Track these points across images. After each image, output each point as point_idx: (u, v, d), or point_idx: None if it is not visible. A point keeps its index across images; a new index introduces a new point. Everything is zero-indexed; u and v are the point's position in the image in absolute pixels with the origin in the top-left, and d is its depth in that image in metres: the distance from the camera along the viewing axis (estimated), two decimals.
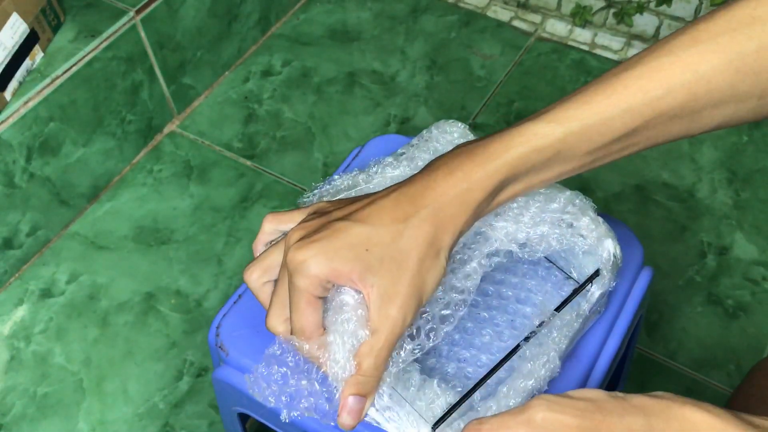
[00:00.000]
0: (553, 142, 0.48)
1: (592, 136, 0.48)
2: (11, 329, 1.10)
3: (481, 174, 0.48)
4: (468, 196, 0.48)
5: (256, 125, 1.34)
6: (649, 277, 0.66)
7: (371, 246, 0.46)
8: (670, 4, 1.38)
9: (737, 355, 1.07)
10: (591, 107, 0.48)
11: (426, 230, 0.47)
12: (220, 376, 0.66)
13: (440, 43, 1.46)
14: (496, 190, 0.48)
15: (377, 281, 0.46)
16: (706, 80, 0.47)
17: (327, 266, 0.46)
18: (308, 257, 0.47)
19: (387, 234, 0.47)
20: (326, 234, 0.47)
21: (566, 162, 0.49)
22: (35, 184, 1.12)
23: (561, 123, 0.48)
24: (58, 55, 1.11)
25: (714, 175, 1.26)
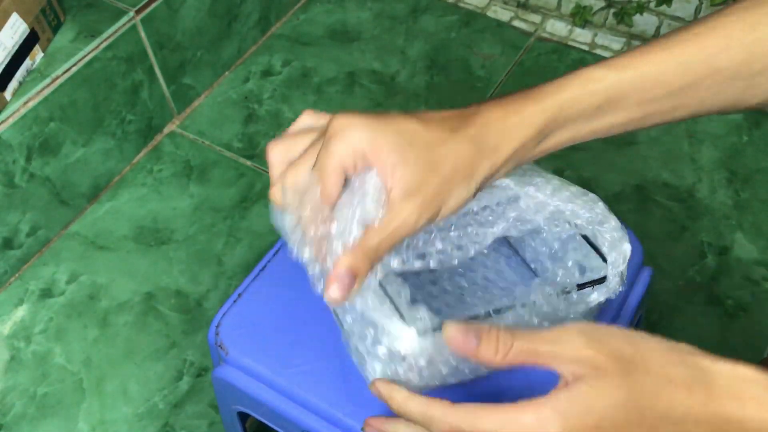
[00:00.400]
0: (606, 87, 0.47)
1: (646, 85, 0.47)
2: (11, 329, 1.10)
3: (532, 109, 0.47)
4: (515, 130, 0.47)
5: (256, 125, 1.34)
6: (649, 277, 0.66)
7: (415, 141, 0.46)
8: (670, 4, 1.38)
9: (737, 356, 1.06)
10: (646, 57, 0.48)
11: (467, 148, 0.46)
12: (220, 375, 0.66)
13: (440, 43, 1.46)
14: (544, 130, 0.48)
15: (406, 175, 0.45)
16: (766, 41, 0.47)
17: (368, 140, 0.45)
18: (353, 124, 0.46)
19: (432, 137, 0.46)
20: (377, 115, 0.47)
21: (617, 111, 0.48)
22: (35, 184, 1.12)
23: (615, 69, 0.47)
24: (58, 55, 1.11)
25: (714, 175, 1.26)
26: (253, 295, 0.69)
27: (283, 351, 0.65)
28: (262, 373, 0.64)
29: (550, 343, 0.40)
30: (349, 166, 0.46)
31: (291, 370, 0.64)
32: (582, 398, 0.38)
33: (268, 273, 0.71)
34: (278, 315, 0.67)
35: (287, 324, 0.67)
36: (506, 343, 0.41)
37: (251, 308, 0.67)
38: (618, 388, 0.38)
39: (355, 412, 0.61)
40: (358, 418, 0.61)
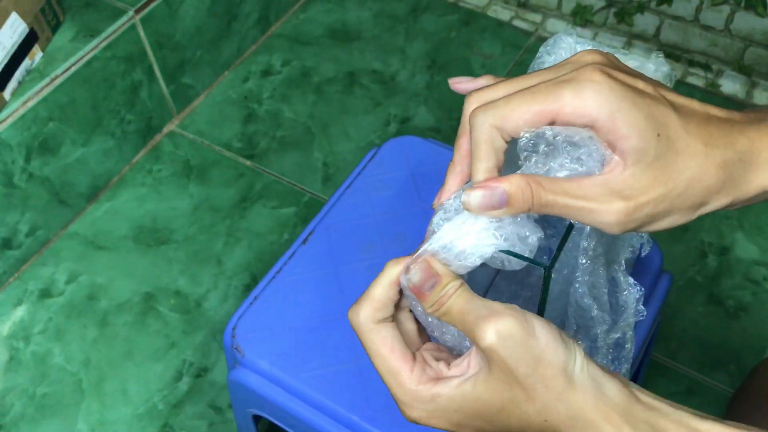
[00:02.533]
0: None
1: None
2: (10, 329, 1.10)
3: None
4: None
5: (255, 125, 1.34)
6: (669, 283, 0.66)
7: (664, 136, 0.38)
8: (670, 4, 1.38)
9: (738, 355, 1.06)
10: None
11: (714, 174, 0.39)
12: (236, 377, 0.65)
13: (440, 43, 1.46)
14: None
15: (635, 170, 0.38)
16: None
17: (608, 109, 0.38)
18: (601, 82, 0.38)
19: (683, 142, 0.38)
20: (632, 83, 0.39)
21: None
22: (34, 184, 1.12)
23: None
24: (58, 55, 1.11)
25: None
26: (269, 297, 0.69)
27: (299, 354, 0.64)
28: (278, 376, 0.64)
29: (473, 322, 0.39)
30: (563, 121, 0.39)
31: (307, 373, 0.63)
32: (467, 390, 0.39)
33: (283, 276, 0.71)
34: (294, 318, 0.67)
35: (303, 327, 0.66)
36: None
37: (267, 311, 0.67)
38: (502, 395, 0.38)
39: (371, 416, 0.61)
40: (374, 422, 0.61)
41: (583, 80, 0.38)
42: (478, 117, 0.40)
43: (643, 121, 0.38)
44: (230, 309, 1.12)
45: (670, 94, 0.40)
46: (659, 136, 0.38)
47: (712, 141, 0.39)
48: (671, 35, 1.42)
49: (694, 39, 1.40)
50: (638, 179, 0.38)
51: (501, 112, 0.39)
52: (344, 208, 0.75)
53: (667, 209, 0.39)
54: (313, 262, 0.71)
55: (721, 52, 1.39)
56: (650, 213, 0.38)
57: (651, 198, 0.38)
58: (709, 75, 1.41)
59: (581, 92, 0.38)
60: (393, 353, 0.41)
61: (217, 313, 1.12)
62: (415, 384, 0.40)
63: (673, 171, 0.38)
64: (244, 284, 1.15)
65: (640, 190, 0.38)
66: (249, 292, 1.13)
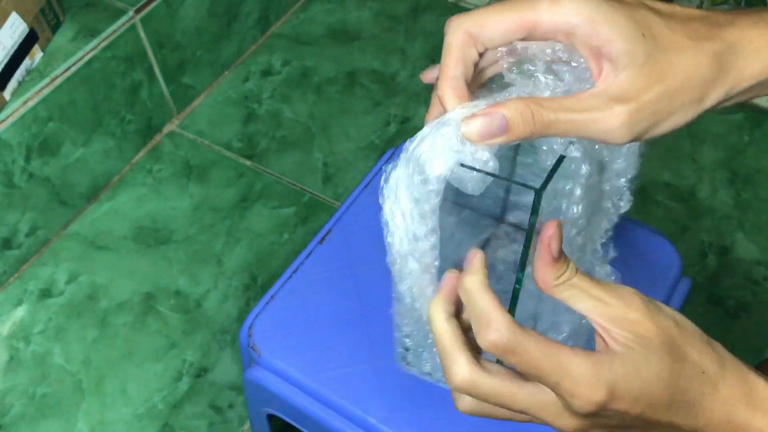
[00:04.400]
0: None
1: None
2: (10, 329, 1.10)
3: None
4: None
5: (255, 125, 1.34)
6: (688, 289, 0.65)
7: (649, 35, 0.38)
8: None
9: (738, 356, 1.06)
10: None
11: (707, 65, 0.38)
12: (252, 377, 0.65)
13: (440, 43, 1.45)
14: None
15: (628, 74, 0.37)
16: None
17: (587, 15, 0.37)
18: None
19: (670, 39, 0.38)
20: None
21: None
22: (34, 184, 1.12)
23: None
24: (58, 55, 1.11)
25: (715, 175, 1.25)
26: (285, 297, 0.69)
27: (315, 354, 0.64)
28: (295, 376, 0.64)
29: (605, 292, 0.38)
30: (538, 33, 0.39)
31: (324, 373, 0.63)
32: (634, 364, 0.37)
33: (300, 275, 0.70)
34: (311, 318, 0.67)
35: (320, 327, 0.66)
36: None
37: (283, 310, 0.67)
38: (662, 363, 0.37)
39: (387, 417, 0.60)
40: (390, 423, 0.61)
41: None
42: (453, 22, 0.40)
43: (625, 23, 0.37)
44: (230, 309, 1.12)
45: (660, 5, 0.39)
46: (644, 36, 0.37)
47: (699, 35, 0.38)
48: None
49: None
50: (634, 81, 0.37)
51: (477, 19, 0.39)
52: (362, 207, 0.74)
53: (668, 106, 0.38)
54: (330, 261, 0.71)
55: None
56: (653, 112, 0.38)
57: (651, 97, 0.37)
58: None
59: (558, 2, 0.38)
60: (556, 347, 0.37)
61: (217, 313, 1.12)
62: (590, 367, 0.36)
63: (666, 67, 0.38)
64: (244, 284, 1.15)
65: (639, 90, 0.37)
66: (249, 292, 1.13)
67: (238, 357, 1.08)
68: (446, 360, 0.39)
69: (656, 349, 0.37)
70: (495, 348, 0.37)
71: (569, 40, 0.39)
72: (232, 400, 1.04)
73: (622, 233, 0.70)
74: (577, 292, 0.38)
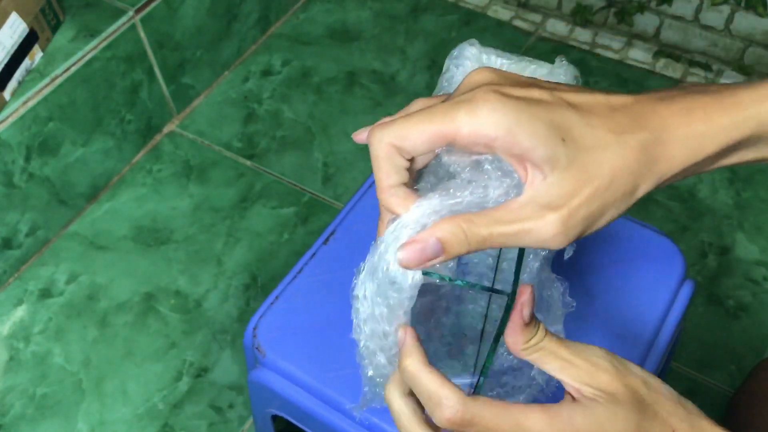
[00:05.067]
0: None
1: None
2: (10, 329, 1.10)
3: (725, 121, 0.38)
4: (699, 141, 0.38)
5: (255, 125, 1.34)
6: (691, 291, 0.65)
7: (569, 138, 0.37)
8: (670, 4, 1.38)
9: (738, 356, 1.06)
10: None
11: (634, 158, 0.38)
12: (256, 378, 0.65)
13: (440, 43, 1.46)
14: (734, 146, 0.39)
15: (553, 181, 0.37)
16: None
17: (506, 126, 0.37)
18: (495, 102, 0.37)
19: (592, 137, 0.37)
20: (527, 95, 0.38)
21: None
22: (34, 184, 1.12)
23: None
24: (58, 55, 1.11)
25: (715, 175, 1.25)
26: (290, 297, 0.68)
27: (321, 355, 0.64)
28: (299, 377, 0.64)
29: (573, 354, 0.39)
30: (460, 144, 0.38)
31: (329, 374, 0.63)
32: (596, 417, 0.37)
33: (304, 276, 0.70)
34: (316, 318, 0.67)
35: (325, 327, 0.66)
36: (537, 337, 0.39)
37: (288, 311, 0.67)
38: (628, 420, 0.37)
39: (392, 419, 0.60)
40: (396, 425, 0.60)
41: (477, 101, 0.37)
42: (376, 134, 0.40)
43: (544, 129, 0.37)
44: (230, 309, 1.12)
45: (570, 95, 0.38)
46: (565, 141, 0.37)
47: (623, 128, 0.38)
48: (671, 35, 1.42)
49: (694, 39, 1.40)
50: (561, 186, 0.37)
51: (398, 131, 0.39)
52: (366, 207, 0.74)
53: (601, 206, 0.38)
54: (334, 262, 0.70)
55: (721, 52, 1.39)
56: (585, 215, 0.38)
57: (581, 200, 0.37)
58: (710, 75, 1.41)
59: (475, 113, 0.37)
60: (504, 407, 0.38)
61: (217, 313, 1.12)
62: (547, 421, 0.37)
63: (592, 167, 0.37)
64: (244, 284, 1.15)
65: (568, 195, 0.37)
66: (249, 292, 1.13)
67: (238, 357, 1.08)
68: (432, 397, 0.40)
69: (624, 405, 0.37)
70: (452, 424, 0.38)
71: (491, 150, 0.38)
72: (232, 400, 1.04)
73: (626, 234, 0.70)
74: (545, 353, 0.39)
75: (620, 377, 0.38)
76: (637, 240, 0.70)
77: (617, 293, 0.65)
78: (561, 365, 0.39)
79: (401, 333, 0.41)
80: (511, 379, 0.50)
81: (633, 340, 0.61)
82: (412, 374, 0.40)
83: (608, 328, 0.63)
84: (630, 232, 0.70)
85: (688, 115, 0.38)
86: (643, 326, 0.62)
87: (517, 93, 0.38)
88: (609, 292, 0.66)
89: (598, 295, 0.65)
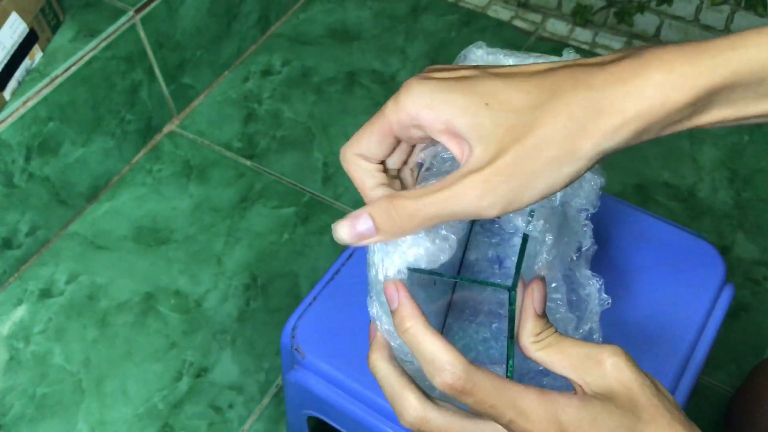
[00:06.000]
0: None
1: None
2: (10, 329, 1.10)
3: (691, 70, 0.34)
4: (660, 93, 0.34)
5: (255, 125, 1.34)
6: (731, 296, 0.65)
7: (493, 102, 0.36)
8: (671, 4, 1.38)
9: (738, 355, 1.06)
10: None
11: (571, 113, 0.35)
12: (295, 378, 0.65)
13: (440, 43, 1.46)
14: (702, 99, 0.35)
15: (479, 147, 0.36)
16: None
17: (424, 103, 0.37)
18: (414, 85, 0.37)
19: (520, 99, 0.36)
20: (451, 75, 0.37)
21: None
22: (34, 184, 1.12)
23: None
24: (58, 55, 1.11)
25: (715, 175, 1.25)
26: (327, 298, 0.68)
27: (360, 356, 0.63)
28: (338, 378, 0.63)
29: (580, 352, 0.39)
30: (399, 132, 0.39)
31: (369, 376, 0.62)
32: (591, 411, 0.37)
33: (341, 277, 0.70)
34: (354, 319, 0.66)
35: (364, 329, 0.65)
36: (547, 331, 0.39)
37: (326, 312, 0.67)
38: (621, 422, 0.37)
39: None
40: None
41: (400, 90, 0.38)
42: (341, 152, 0.42)
43: (463, 98, 0.36)
44: (230, 309, 1.12)
45: (506, 69, 0.37)
46: (488, 104, 0.36)
47: (557, 86, 0.35)
48: (671, 35, 1.42)
49: (694, 39, 1.40)
50: (488, 150, 0.35)
51: (353, 142, 0.41)
52: None
53: (530, 165, 0.35)
54: None
55: None
56: (511, 174, 0.35)
57: (506, 159, 0.35)
58: None
59: (397, 100, 0.38)
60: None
61: (217, 313, 1.12)
62: (543, 405, 0.37)
63: (519, 128, 0.35)
64: (244, 284, 1.15)
65: (492, 157, 0.35)
66: (249, 292, 1.13)
67: (238, 357, 1.08)
68: (396, 400, 0.40)
69: (622, 407, 0.37)
70: (451, 389, 0.37)
71: (423, 132, 0.38)
72: (232, 400, 1.04)
73: (667, 237, 0.70)
74: (555, 350, 0.39)
75: (624, 381, 0.38)
76: (678, 243, 0.69)
77: (657, 297, 0.65)
78: (570, 363, 0.38)
79: (392, 290, 0.40)
80: (551, 381, 0.50)
81: (673, 344, 0.61)
82: (414, 336, 0.38)
83: (648, 331, 0.63)
84: (670, 235, 0.70)
85: (643, 66, 0.35)
86: (683, 330, 0.62)
87: (440, 75, 0.38)
88: (649, 296, 0.65)
89: (638, 299, 0.65)
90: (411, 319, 0.39)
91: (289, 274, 1.15)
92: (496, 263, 0.52)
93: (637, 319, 0.63)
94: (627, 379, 0.38)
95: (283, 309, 1.12)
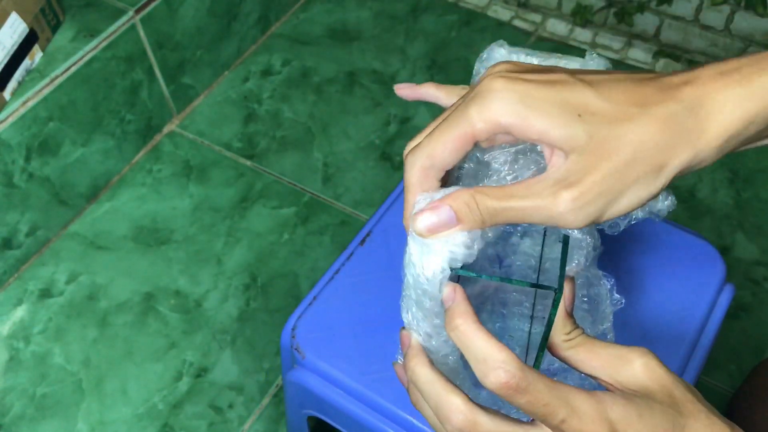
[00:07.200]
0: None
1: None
2: (10, 329, 1.10)
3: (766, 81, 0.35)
4: (738, 104, 0.35)
5: (255, 125, 1.34)
6: (731, 296, 0.65)
7: (587, 114, 0.36)
8: (670, 4, 1.38)
9: (738, 356, 1.06)
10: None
11: (660, 130, 0.35)
12: (295, 378, 0.65)
13: (440, 43, 1.46)
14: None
15: (571, 157, 0.36)
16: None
17: (516, 111, 0.36)
18: (502, 89, 0.36)
19: (612, 111, 0.36)
20: (539, 78, 0.37)
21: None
22: (34, 184, 1.12)
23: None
24: (58, 55, 1.11)
25: (715, 175, 1.25)
26: (328, 298, 0.68)
27: (360, 356, 0.64)
28: (339, 378, 0.63)
29: (610, 352, 0.38)
30: (483, 136, 0.38)
31: (369, 375, 0.63)
32: (636, 406, 0.37)
33: (341, 276, 0.70)
34: (354, 319, 0.66)
35: (364, 328, 0.66)
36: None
37: (326, 312, 0.66)
38: (664, 416, 0.37)
39: None
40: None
41: (485, 92, 0.37)
42: (408, 160, 0.40)
43: (556, 108, 0.36)
44: (230, 309, 1.12)
45: (591, 75, 0.37)
46: (581, 116, 0.36)
47: (646, 100, 0.36)
48: (671, 35, 1.42)
49: (694, 39, 1.40)
50: (580, 163, 0.36)
51: (426, 151, 0.39)
52: (402, 207, 0.74)
53: (620, 183, 0.36)
54: (371, 263, 0.70)
55: (721, 52, 1.39)
56: (600, 192, 0.36)
57: (597, 177, 0.36)
58: None
59: (485, 105, 0.37)
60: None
61: (217, 313, 1.12)
62: (593, 404, 0.36)
63: (612, 142, 0.35)
64: (244, 284, 1.15)
65: (584, 172, 0.35)
66: (249, 292, 1.13)
67: (237, 357, 1.08)
68: (443, 405, 0.39)
69: (662, 403, 0.37)
70: (506, 389, 0.36)
71: (511, 137, 0.38)
72: (232, 400, 1.04)
73: (666, 238, 0.70)
74: (585, 350, 0.39)
75: (657, 379, 0.37)
76: (678, 244, 0.69)
77: (657, 297, 0.65)
78: (600, 363, 0.38)
79: (449, 290, 0.39)
80: (562, 380, 0.50)
81: (675, 343, 0.61)
82: (464, 334, 0.37)
83: (649, 330, 0.63)
84: (670, 236, 0.70)
85: (724, 79, 0.36)
86: (684, 329, 0.62)
87: (528, 77, 0.37)
88: (649, 296, 0.65)
89: (640, 298, 0.65)
90: (463, 316, 0.38)
91: (289, 274, 1.15)
92: (495, 262, 0.52)
93: (637, 319, 0.63)
94: (659, 377, 0.37)
95: (283, 309, 1.12)
